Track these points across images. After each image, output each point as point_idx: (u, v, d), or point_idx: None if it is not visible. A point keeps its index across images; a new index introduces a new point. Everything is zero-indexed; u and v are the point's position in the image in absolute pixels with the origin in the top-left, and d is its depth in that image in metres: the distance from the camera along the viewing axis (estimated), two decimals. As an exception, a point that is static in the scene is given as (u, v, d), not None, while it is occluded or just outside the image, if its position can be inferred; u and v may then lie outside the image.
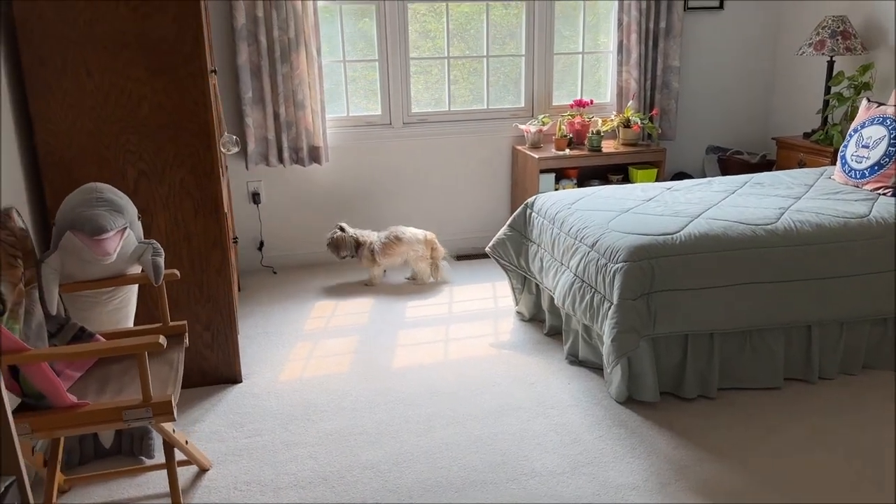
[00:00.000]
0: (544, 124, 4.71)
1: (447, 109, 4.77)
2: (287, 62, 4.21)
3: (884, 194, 3.48)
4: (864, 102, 3.90)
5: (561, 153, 4.58)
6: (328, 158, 4.48)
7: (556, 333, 3.58)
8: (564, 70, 4.95)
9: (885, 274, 3.05)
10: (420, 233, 4.29)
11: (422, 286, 4.32)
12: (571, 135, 4.75)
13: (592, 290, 3.00)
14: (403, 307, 4.02)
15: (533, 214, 3.65)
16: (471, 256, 4.85)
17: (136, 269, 2.51)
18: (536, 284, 3.70)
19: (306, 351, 3.51)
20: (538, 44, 4.78)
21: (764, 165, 4.94)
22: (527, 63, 4.82)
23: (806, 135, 4.71)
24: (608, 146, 4.75)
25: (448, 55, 4.70)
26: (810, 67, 4.96)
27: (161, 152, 2.89)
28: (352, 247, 4.28)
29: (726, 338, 3.00)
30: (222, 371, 3.18)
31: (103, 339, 2.34)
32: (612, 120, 4.77)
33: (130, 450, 2.69)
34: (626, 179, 4.83)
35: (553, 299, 3.35)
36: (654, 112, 4.85)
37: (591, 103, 4.84)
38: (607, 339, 2.82)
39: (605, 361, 2.87)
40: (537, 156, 4.52)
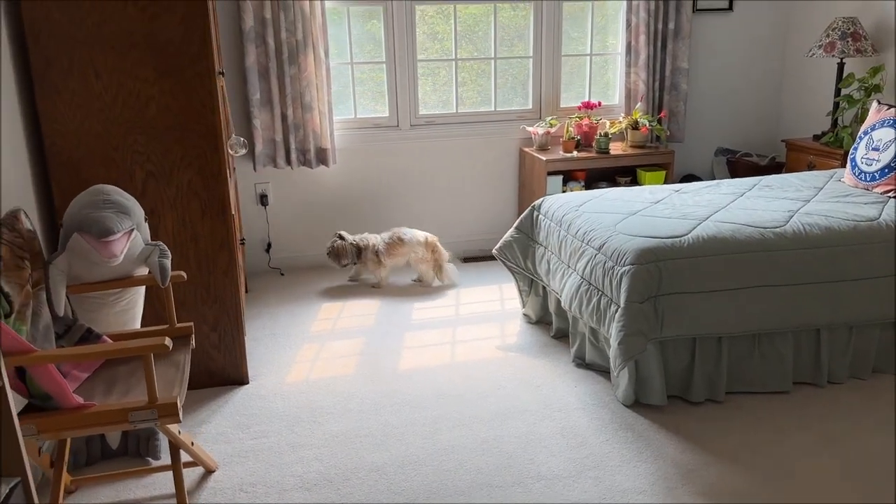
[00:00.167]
0: (552, 126, 4.70)
1: (454, 111, 4.77)
2: (295, 64, 4.22)
3: (894, 197, 3.45)
4: (875, 105, 3.87)
5: (569, 155, 4.57)
6: (335, 160, 4.49)
7: (563, 336, 3.57)
8: (572, 72, 4.94)
9: None
10: (421, 235, 4.29)
11: (427, 288, 4.31)
12: (579, 137, 4.73)
13: (599, 293, 2.99)
14: (410, 309, 4.02)
15: (540, 217, 3.63)
16: (478, 258, 4.84)
17: (144, 271, 2.52)
18: (543, 287, 3.69)
19: (313, 353, 3.51)
20: (546, 45, 4.77)
21: (773, 168, 4.92)
22: (534, 65, 4.81)
23: (816, 137, 4.69)
24: (616, 148, 4.73)
25: (455, 57, 4.70)
26: (820, 69, 4.93)
27: (169, 153, 2.90)
28: (353, 254, 4.26)
29: (735, 341, 2.99)
30: (229, 372, 3.19)
31: (110, 341, 2.34)
32: (621, 122, 4.76)
33: (137, 451, 2.69)
34: (635, 182, 4.81)
35: (560, 302, 3.34)
36: (663, 114, 4.83)
37: (599, 105, 4.83)
38: (614, 343, 2.81)
39: (612, 364, 2.86)
40: (545, 158, 4.51)
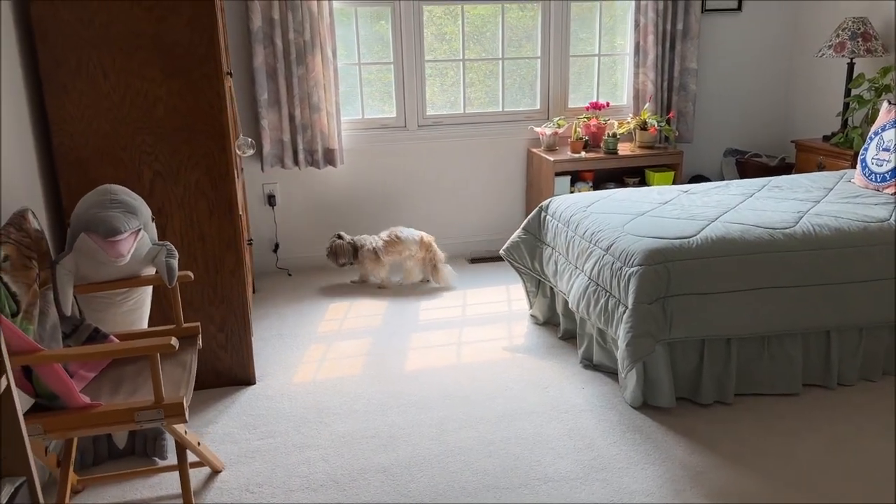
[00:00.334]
0: (560, 127, 4.68)
1: (462, 112, 4.76)
2: (303, 64, 4.22)
3: (905, 198, 3.43)
4: (885, 105, 3.84)
5: (576, 156, 4.55)
6: (343, 161, 4.48)
7: (571, 337, 3.56)
8: (580, 72, 4.92)
9: (907, 279, 3.00)
10: (417, 234, 4.28)
11: (404, 285, 4.32)
12: (587, 137, 4.72)
13: (607, 294, 2.97)
14: (417, 310, 4.01)
15: (547, 217, 3.62)
16: (485, 259, 4.83)
17: (151, 271, 2.52)
18: (551, 288, 3.67)
19: (320, 353, 3.51)
20: (554, 46, 4.75)
21: (783, 168, 4.89)
22: (542, 65, 4.80)
23: (825, 138, 4.66)
24: (624, 149, 4.71)
25: (463, 57, 4.69)
26: (830, 69, 4.89)
27: (176, 153, 2.90)
28: (350, 253, 4.26)
29: (744, 343, 2.96)
30: (236, 372, 3.19)
31: (117, 341, 2.34)
32: (629, 122, 4.74)
33: (144, 450, 2.70)
34: (643, 182, 4.79)
35: (567, 303, 3.33)
36: (671, 114, 4.81)
37: (608, 105, 4.81)
38: (622, 344, 2.79)
39: (620, 366, 2.84)
40: (552, 158, 4.50)
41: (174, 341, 1.99)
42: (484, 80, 4.81)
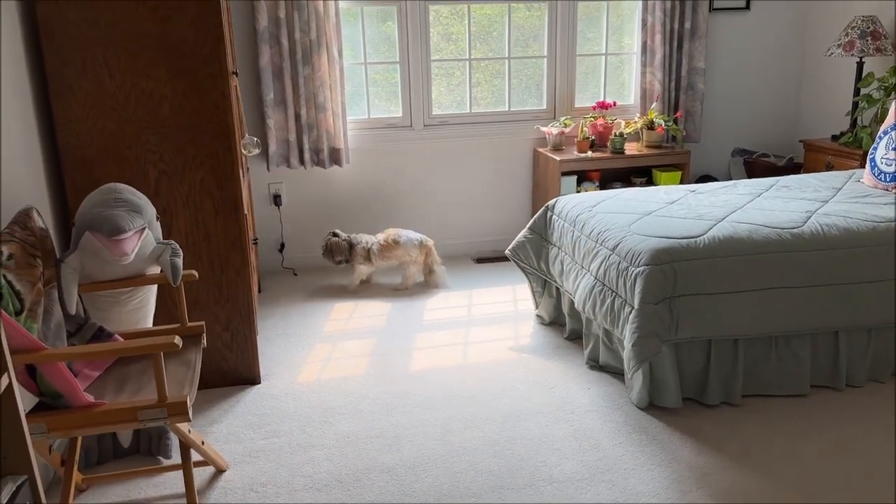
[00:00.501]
0: (566, 126, 4.67)
1: (468, 111, 4.75)
2: (309, 64, 4.22)
3: (915, 198, 3.39)
4: (895, 104, 3.80)
5: (583, 155, 4.54)
6: (349, 160, 4.48)
7: (577, 337, 3.54)
8: (587, 72, 4.90)
9: (917, 279, 2.97)
10: (417, 237, 4.25)
11: (402, 291, 4.29)
12: (594, 137, 4.70)
13: (613, 294, 2.96)
14: (422, 310, 4.00)
15: (553, 217, 3.61)
16: (491, 259, 4.81)
17: (156, 270, 2.52)
18: (557, 288, 3.66)
19: (325, 353, 3.50)
20: (561, 45, 4.74)
21: (791, 168, 4.85)
22: (549, 65, 4.78)
23: (834, 137, 4.62)
24: (631, 148, 4.69)
25: (469, 57, 4.68)
26: (839, 68, 4.86)
27: (182, 153, 2.90)
28: (346, 251, 4.21)
29: (751, 343, 2.94)
30: (241, 372, 3.19)
31: (122, 340, 2.34)
32: (636, 122, 4.72)
33: (148, 449, 2.70)
34: (650, 182, 4.77)
35: (573, 303, 3.31)
36: (679, 114, 4.78)
37: (615, 105, 4.79)
38: (628, 344, 2.78)
39: (626, 366, 2.83)
40: (559, 158, 4.48)
41: (177, 340, 1.99)
42: (490, 80, 4.79)
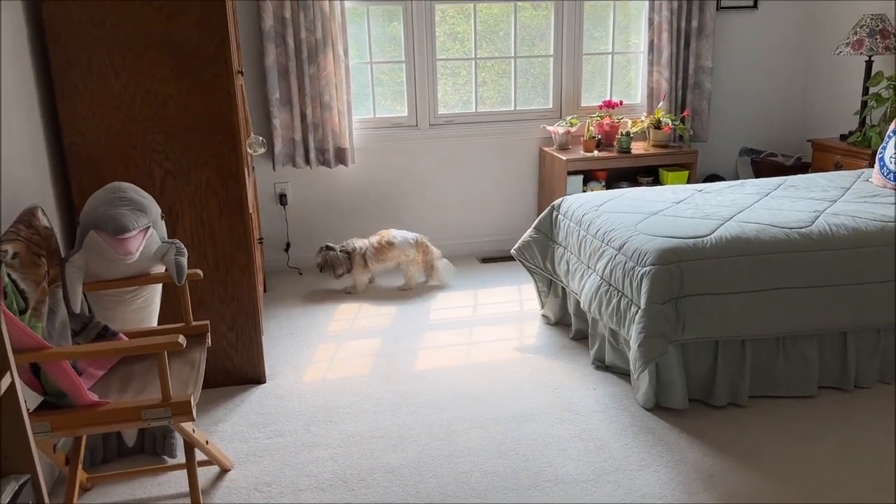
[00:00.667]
0: (572, 126, 4.65)
1: (474, 111, 4.74)
2: (314, 63, 4.22)
3: (924, 197, 3.37)
4: (905, 103, 3.78)
5: (589, 155, 4.52)
6: (354, 160, 4.48)
7: (583, 337, 3.53)
8: (594, 71, 4.89)
9: (926, 280, 2.94)
10: (411, 236, 4.24)
11: (408, 291, 4.27)
12: (600, 136, 4.68)
13: (619, 294, 2.94)
14: (427, 310, 3.99)
15: (559, 217, 3.59)
16: (496, 259, 4.80)
17: (160, 269, 2.52)
18: (563, 288, 3.64)
19: (330, 352, 3.50)
20: (567, 44, 4.72)
21: (799, 168, 4.82)
22: (555, 64, 4.77)
23: (843, 136, 4.59)
24: (638, 148, 4.67)
25: (475, 56, 4.67)
26: (847, 67, 4.83)
27: (187, 152, 2.90)
28: (345, 262, 4.17)
29: (758, 344, 2.92)
30: (246, 371, 3.18)
31: (126, 338, 2.34)
32: (643, 121, 4.70)
33: (153, 449, 2.70)
34: (657, 182, 4.75)
35: (579, 303, 3.30)
36: (686, 113, 4.76)
37: (621, 104, 4.77)
38: (634, 344, 2.76)
39: (633, 367, 2.81)
40: (565, 157, 4.46)
41: (181, 339, 1.98)
42: (496, 79, 4.78)
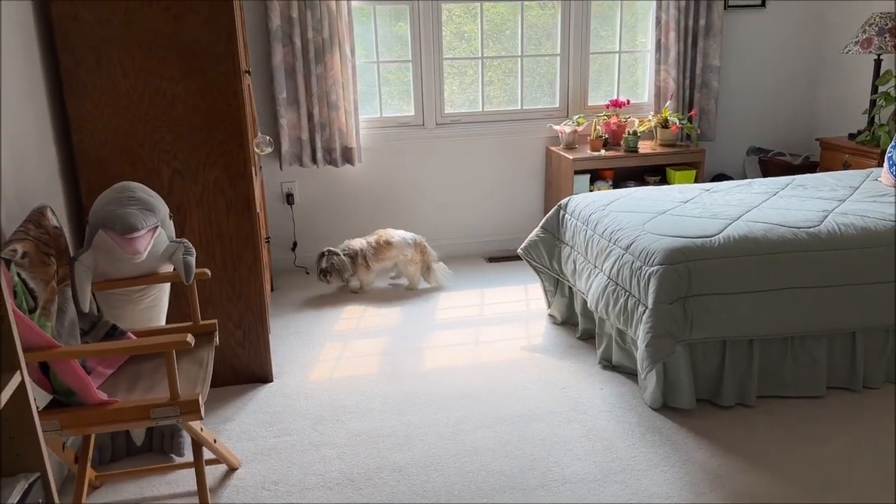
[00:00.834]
0: (579, 125, 4.64)
1: (481, 110, 4.73)
2: (321, 63, 4.22)
3: (934, 197, 3.35)
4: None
5: (596, 154, 4.51)
6: (361, 159, 4.48)
7: (590, 337, 3.52)
8: (601, 70, 4.88)
9: (935, 280, 2.93)
10: (409, 236, 4.24)
11: (412, 291, 4.26)
12: (607, 135, 4.67)
13: (627, 294, 2.94)
14: (433, 309, 3.99)
15: (566, 216, 3.59)
16: (503, 258, 4.80)
17: (169, 268, 2.53)
18: (569, 287, 3.64)
19: (336, 351, 3.51)
20: (574, 43, 4.71)
21: (807, 167, 4.80)
22: (562, 63, 4.76)
23: (851, 136, 4.57)
24: (645, 147, 4.66)
25: (482, 55, 4.66)
26: (856, 66, 4.80)
27: (195, 152, 2.91)
28: (349, 265, 4.14)
29: (766, 344, 2.91)
30: (254, 370, 3.19)
31: (135, 338, 2.35)
32: (650, 120, 4.69)
33: (161, 447, 2.71)
34: (664, 181, 4.74)
35: (586, 302, 3.29)
36: (693, 112, 4.75)
37: (628, 103, 4.76)
38: (641, 344, 2.76)
39: (640, 367, 2.81)
40: (572, 157, 4.46)
41: (190, 338, 1.99)
42: (503, 79, 4.78)
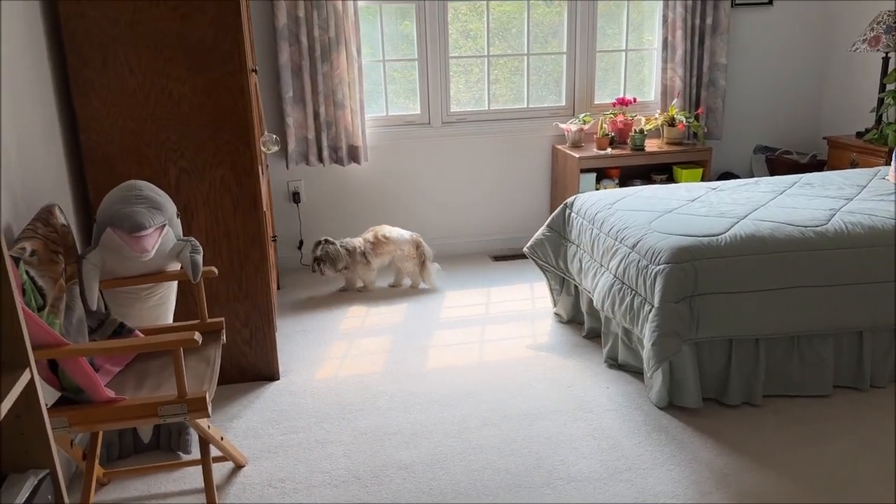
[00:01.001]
0: (585, 123, 4.64)
1: (487, 108, 4.73)
2: (327, 62, 4.23)
3: (942, 196, 3.33)
4: (922, 100, 3.74)
5: (602, 152, 4.50)
6: (367, 158, 4.48)
7: (596, 336, 3.52)
8: (607, 68, 4.87)
9: (943, 279, 2.91)
10: (406, 233, 4.25)
11: (412, 290, 4.27)
12: (613, 133, 4.66)
13: (633, 293, 2.93)
14: (439, 308, 4.00)
15: (572, 214, 3.58)
16: (509, 257, 4.80)
17: (176, 266, 2.54)
18: (575, 286, 3.64)
19: (342, 350, 3.51)
20: (580, 41, 4.71)
21: (814, 166, 4.79)
22: (568, 61, 4.75)
23: (859, 134, 4.55)
24: (652, 145, 4.65)
25: (488, 53, 4.66)
26: (864, 64, 4.78)
27: (202, 150, 2.92)
28: (346, 257, 4.11)
29: (773, 343, 2.91)
30: (260, 368, 3.20)
31: (142, 335, 2.36)
32: (656, 118, 4.68)
33: (168, 445, 2.72)
34: (671, 179, 4.73)
35: (592, 301, 3.29)
36: (700, 110, 4.73)
37: (635, 101, 4.75)
38: (648, 343, 2.75)
39: (646, 365, 2.80)
40: (578, 155, 4.45)
41: (197, 336, 2.00)
42: (509, 77, 4.77)
